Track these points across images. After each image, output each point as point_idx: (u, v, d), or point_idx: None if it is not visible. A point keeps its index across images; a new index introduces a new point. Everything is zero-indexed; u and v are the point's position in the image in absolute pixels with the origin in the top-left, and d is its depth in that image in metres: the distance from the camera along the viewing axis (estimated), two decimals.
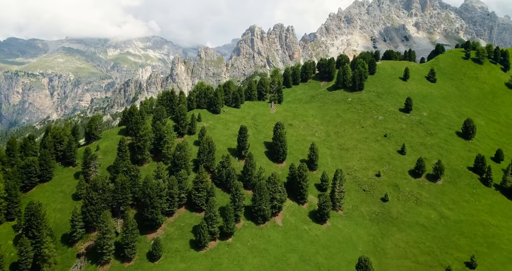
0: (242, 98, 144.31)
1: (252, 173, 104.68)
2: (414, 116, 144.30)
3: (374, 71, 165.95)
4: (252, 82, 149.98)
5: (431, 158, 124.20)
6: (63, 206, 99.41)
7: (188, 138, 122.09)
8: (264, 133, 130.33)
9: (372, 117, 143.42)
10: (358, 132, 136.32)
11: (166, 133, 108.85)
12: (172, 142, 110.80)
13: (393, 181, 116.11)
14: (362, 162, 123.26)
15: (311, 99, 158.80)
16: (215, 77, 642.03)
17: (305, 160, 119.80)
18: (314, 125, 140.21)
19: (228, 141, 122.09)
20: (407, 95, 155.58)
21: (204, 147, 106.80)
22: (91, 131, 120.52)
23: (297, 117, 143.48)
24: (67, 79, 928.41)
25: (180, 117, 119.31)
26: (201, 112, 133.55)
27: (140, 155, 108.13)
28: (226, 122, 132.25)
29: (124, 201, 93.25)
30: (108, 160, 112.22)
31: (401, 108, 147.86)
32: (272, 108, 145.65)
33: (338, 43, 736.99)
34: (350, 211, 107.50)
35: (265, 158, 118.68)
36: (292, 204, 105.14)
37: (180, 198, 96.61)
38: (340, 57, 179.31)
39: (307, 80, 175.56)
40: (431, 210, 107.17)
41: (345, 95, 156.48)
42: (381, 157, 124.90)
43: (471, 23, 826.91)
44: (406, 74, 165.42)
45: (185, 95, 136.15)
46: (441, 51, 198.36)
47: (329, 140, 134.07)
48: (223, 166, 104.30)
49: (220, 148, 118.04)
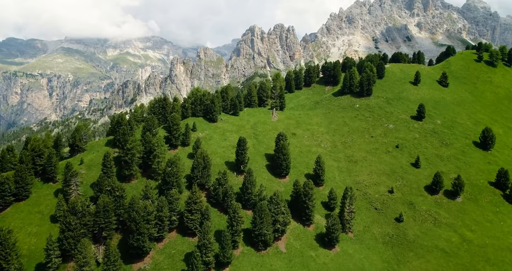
0: (241, 105, 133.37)
1: (252, 191, 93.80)
2: (428, 125, 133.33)
3: (382, 75, 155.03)
4: (252, 88, 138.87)
5: (448, 171, 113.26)
6: (40, 229, 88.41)
7: (181, 150, 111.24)
8: (265, 144, 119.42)
9: (382, 125, 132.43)
10: (367, 143, 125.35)
11: (156, 147, 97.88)
12: (163, 155, 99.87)
13: (408, 198, 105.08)
14: (372, 176, 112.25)
15: (316, 106, 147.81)
16: (215, 78, 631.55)
17: (310, 174, 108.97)
18: (319, 135, 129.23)
19: (226, 153, 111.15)
20: (419, 101, 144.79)
21: (198, 162, 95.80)
22: (75, 142, 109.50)
23: (300, 126, 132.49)
24: (66, 79, 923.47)
25: (172, 127, 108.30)
26: (196, 121, 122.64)
27: (127, 170, 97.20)
28: (224, 132, 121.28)
29: (107, 226, 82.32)
30: (92, 175, 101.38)
31: (413, 116, 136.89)
32: (274, 115, 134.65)
33: (339, 44, 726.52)
34: (361, 233, 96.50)
35: (266, 173, 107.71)
36: (297, 226, 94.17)
37: (171, 221, 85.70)
38: (346, 60, 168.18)
39: (311, 84, 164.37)
40: (452, 232, 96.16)
41: (352, 101, 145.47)
42: (394, 171, 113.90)
43: (473, 23, 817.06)
44: (417, 78, 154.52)
45: (179, 103, 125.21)
46: (452, 54, 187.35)
47: (336, 151, 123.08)
48: (219, 183, 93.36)
49: (217, 161, 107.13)
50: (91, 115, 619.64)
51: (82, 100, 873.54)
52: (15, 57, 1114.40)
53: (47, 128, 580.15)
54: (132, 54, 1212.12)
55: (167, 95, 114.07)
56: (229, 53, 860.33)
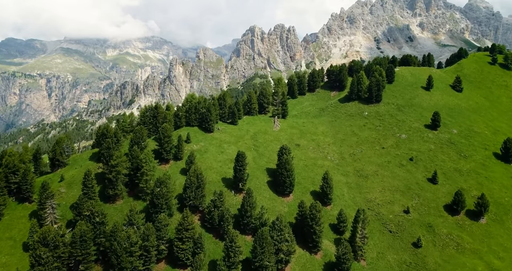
0: (240, 113, 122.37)
1: (251, 214, 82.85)
2: (443, 135, 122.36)
3: (392, 79, 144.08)
4: (252, 94, 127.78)
5: (469, 188, 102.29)
6: (10, 259, 77.72)
7: (174, 164, 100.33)
8: (266, 157, 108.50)
9: (394, 135, 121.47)
10: (378, 155, 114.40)
11: (144, 163, 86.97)
12: (152, 173, 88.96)
13: (426, 220, 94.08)
14: (385, 194, 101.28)
15: (321, 113, 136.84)
16: (214, 79, 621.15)
17: (316, 191, 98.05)
18: (325, 146, 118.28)
19: (223, 168, 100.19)
20: (432, 108, 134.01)
21: (191, 181, 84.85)
22: (55, 156, 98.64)
23: (305, 136, 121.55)
24: (65, 80, 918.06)
25: (163, 140, 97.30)
26: (190, 131, 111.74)
27: (111, 189, 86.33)
28: (221, 143, 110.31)
29: (85, 258, 71.47)
30: (73, 194, 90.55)
31: (426, 124, 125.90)
32: (276, 124, 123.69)
33: (340, 44, 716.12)
34: (374, 260, 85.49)
35: (268, 191, 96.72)
36: (303, 254, 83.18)
37: (158, 251, 74.83)
38: (352, 63, 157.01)
39: (315, 89, 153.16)
40: (477, 259, 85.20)
41: (360, 108, 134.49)
42: (409, 187, 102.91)
43: (476, 23, 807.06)
44: (429, 82, 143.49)
45: (172, 111, 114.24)
46: (464, 56, 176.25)
47: (344, 164, 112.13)
48: (215, 205, 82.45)
49: (213, 178, 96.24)
50: (89, 116, 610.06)
51: (81, 101, 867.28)
52: (14, 57, 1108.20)
53: (44, 130, 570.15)
54: (132, 54, 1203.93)
55: (159, 104, 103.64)
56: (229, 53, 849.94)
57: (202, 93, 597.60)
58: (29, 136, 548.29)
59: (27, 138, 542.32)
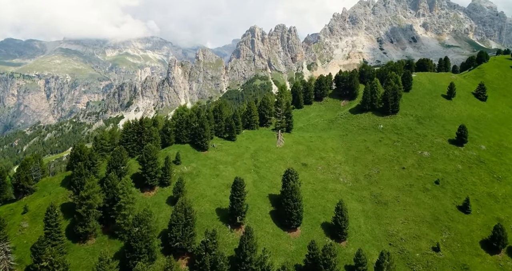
0: (238, 126, 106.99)
1: (251, 258, 67.58)
2: (470, 151, 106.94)
3: (409, 87, 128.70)
4: (252, 104, 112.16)
5: (508, 218, 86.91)
6: None
7: (159, 191, 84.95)
8: (268, 180, 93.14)
9: (415, 153, 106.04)
10: (398, 177, 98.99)
11: (121, 194, 71.67)
12: (132, 205, 73.64)
13: (460, 259, 78.68)
14: (410, 226, 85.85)
15: (330, 125, 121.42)
16: (214, 81, 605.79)
17: (328, 223, 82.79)
18: (336, 165, 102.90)
19: (217, 196, 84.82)
20: (455, 119, 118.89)
21: (178, 217, 69.49)
22: (19, 182, 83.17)
23: (312, 153, 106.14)
24: (64, 81, 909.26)
25: (147, 163, 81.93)
26: (181, 149, 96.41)
27: (82, 227, 71.01)
28: (216, 164, 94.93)
29: None
30: (37, 230, 75.16)
31: (451, 140, 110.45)
32: (279, 140, 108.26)
33: (342, 45, 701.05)
34: None
35: (271, 223, 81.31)
36: None
37: None
38: (363, 68, 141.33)
39: (323, 98, 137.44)
40: None
41: (375, 120, 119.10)
42: (437, 218, 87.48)
43: (480, 23, 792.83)
44: (451, 90, 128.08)
45: (160, 126, 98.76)
46: (485, 59, 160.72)
47: (359, 187, 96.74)
48: (206, 248, 67.10)
49: (205, 208, 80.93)
50: (86, 119, 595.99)
51: (80, 102, 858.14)
52: (13, 58, 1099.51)
53: (40, 133, 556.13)
54: (132, 55, 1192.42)
55: (145, 118, 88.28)
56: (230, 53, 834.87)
57: (202, 95, 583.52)
58: (25, 139, 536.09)
59: (23, 140, 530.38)
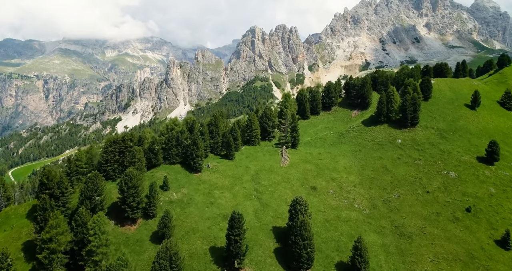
0: (237, 142, 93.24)
1: None
2: (503, 171, 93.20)
3: (429, 95, 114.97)
4: (253, 117, 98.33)
5: None
6: None
7: (143, 225, 71.35)
8: (272, 208, 79.51)
9: (440, 173, 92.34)
10: (422, 203, 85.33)
11: (92, 236, 58.09)
12: (105, 249, 60.05)
13: None
14: (440, 265, 72.19)
15: (340, 139, 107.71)
16: (213, 82, 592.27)
17: (344, 263, 69.29)
18: (350, 188, 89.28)
19: (212, 231, 71.18)
20: (482, 132, 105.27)
21: (161, 266, 55.88)
22: None
23: (322, 173, 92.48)
24: (62, 81, 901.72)
25: (127, 191, 68.33)
26: (170, 171, 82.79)
27: None
28: (211, 189, 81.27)
29: None
30: None
31: (479, 157, 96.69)
32: (284, 158, 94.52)
33: (344, 45, 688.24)
34: None
35: (275, 265, 67.65)
36: None
37: None
38: (376, 73, 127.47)
39: (331, 107, 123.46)
40: None
41: (392, 134, 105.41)
42: (472, 255, 73.89)
43: (483, 23, 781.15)
44: (475, 99, 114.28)
45: (146, 143, 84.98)
46: (507, 63, 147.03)
47: (377, 215, 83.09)
48: None
49: (197, 247, 67.34)
50: (84, 121, 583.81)
51: (79, 102, 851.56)
52: (13, 58, 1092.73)
53: (36, 135, 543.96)
54: (131, 55, 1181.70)
55: (127, 136, 74.88)
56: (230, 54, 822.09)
57: (201, 96, 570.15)
58: (21, 141, 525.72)
59: (19, 143, 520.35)
